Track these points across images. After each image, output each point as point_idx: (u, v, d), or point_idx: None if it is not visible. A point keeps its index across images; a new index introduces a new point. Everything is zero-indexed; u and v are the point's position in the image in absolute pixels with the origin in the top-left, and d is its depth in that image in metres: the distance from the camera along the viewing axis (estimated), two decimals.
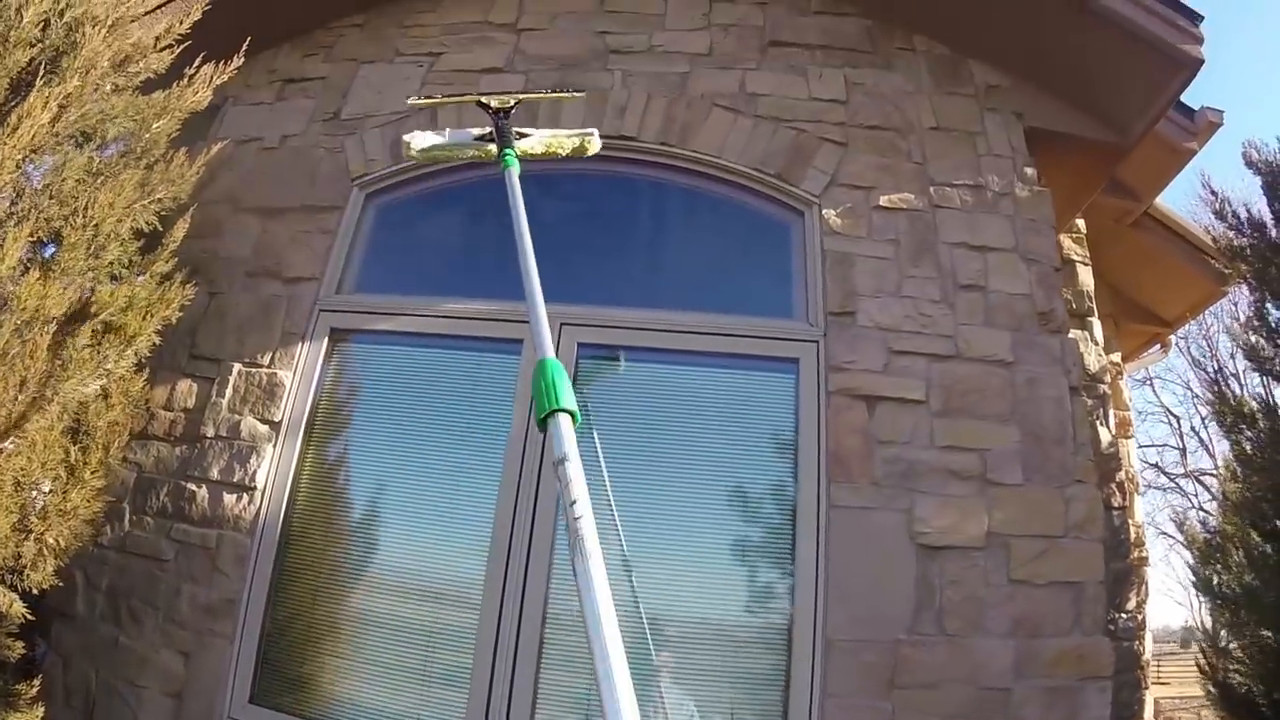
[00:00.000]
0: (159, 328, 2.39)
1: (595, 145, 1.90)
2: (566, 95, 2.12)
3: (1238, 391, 3.34)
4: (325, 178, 3.01)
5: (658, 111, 2.87)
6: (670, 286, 2.73)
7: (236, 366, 2.72)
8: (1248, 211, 2.99)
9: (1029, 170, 2.80)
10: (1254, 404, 2.94)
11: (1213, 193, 3.07)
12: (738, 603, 2.41)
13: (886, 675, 2.19)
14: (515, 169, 1.63)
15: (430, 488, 2.58)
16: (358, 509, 2.67)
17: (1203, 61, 2.58)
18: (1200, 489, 13.98)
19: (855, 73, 2.92)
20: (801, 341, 2.55)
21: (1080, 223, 3.25)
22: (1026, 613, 2.26)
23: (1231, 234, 3.00)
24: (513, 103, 1.84)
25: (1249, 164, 3.05)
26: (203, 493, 2.57)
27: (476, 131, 1.81)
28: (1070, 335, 2.63)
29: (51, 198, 2.12)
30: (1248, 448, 3.00)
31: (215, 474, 2.58)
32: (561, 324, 2.60)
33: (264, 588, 2.43)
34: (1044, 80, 2.90)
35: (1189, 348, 12.24)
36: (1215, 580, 3.23)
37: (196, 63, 2.44)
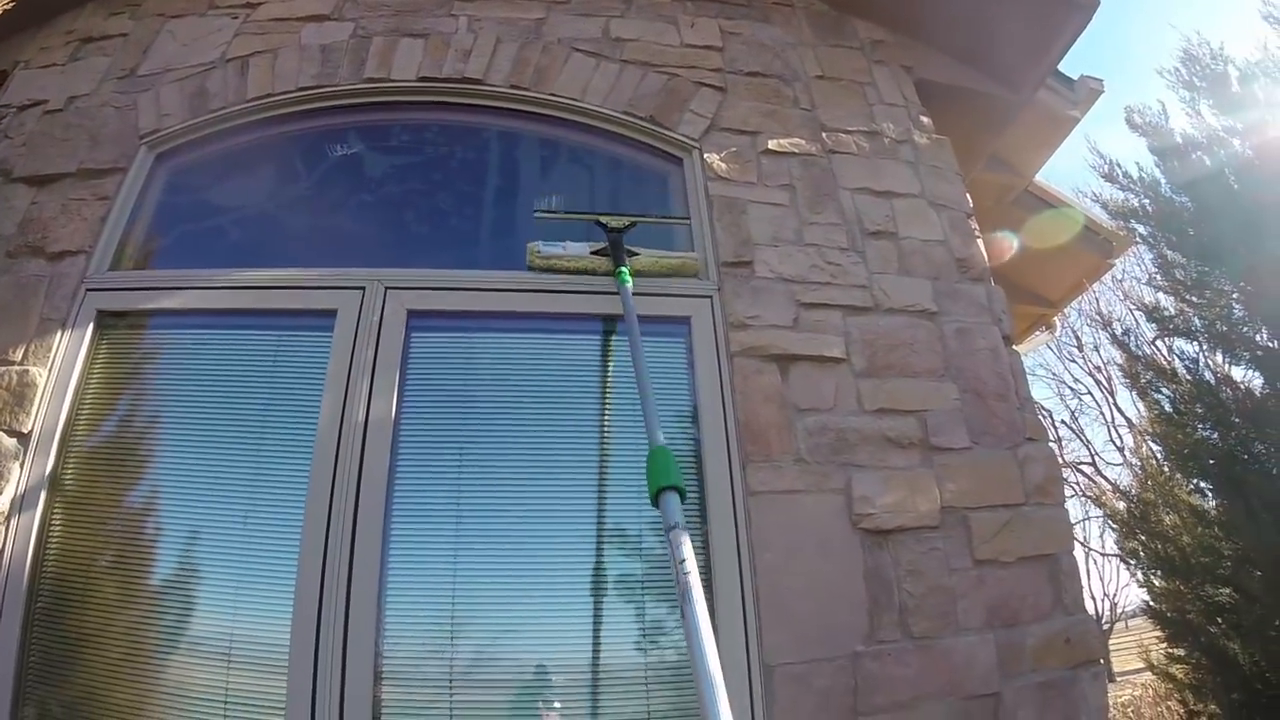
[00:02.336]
0: None
1: (696, 266, 2.13)
2: (676, 220, 2.25)
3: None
4: (109, 138, 2.36)
5: (507, 55, 2.44)
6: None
7: None
8: (1140, 171, 2.89)
9: (925, 119, 2.56)
10: (1177, 360, 2.74)
11: (1101, 156, 2.96)
12: (634, 635, 1.77)
13: (848, 701, 1.67)
14: (630, 284, 1.91)
15: (221, 507, 1.85)
16: (129, 543, 1.87)
17: (1099, 3, 2.46)
18: (1079, 477, 14.00)
19: (730, 23, 2.63)
20: (692, 297, 2.07)
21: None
22: (1000, 598, 1.85)
23: (1125, 195, 2.88)
24: (628, 223, 2.11)
25: (1133, 127, 2.99)
26: None
27: (593, 246, 2.10)
28: (994, 285, 2.31)
29: None
30: (1167, 406, 2.77)
31: None
32: (387, 289, 2.02)
33: (10, 655, 1.65)
34: (929, 35, 2.72)
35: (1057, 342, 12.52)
36: (1143, 550, 2.94)
37: None
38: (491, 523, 1.83)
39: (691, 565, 1.22)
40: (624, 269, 1.94)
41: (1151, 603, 3.00)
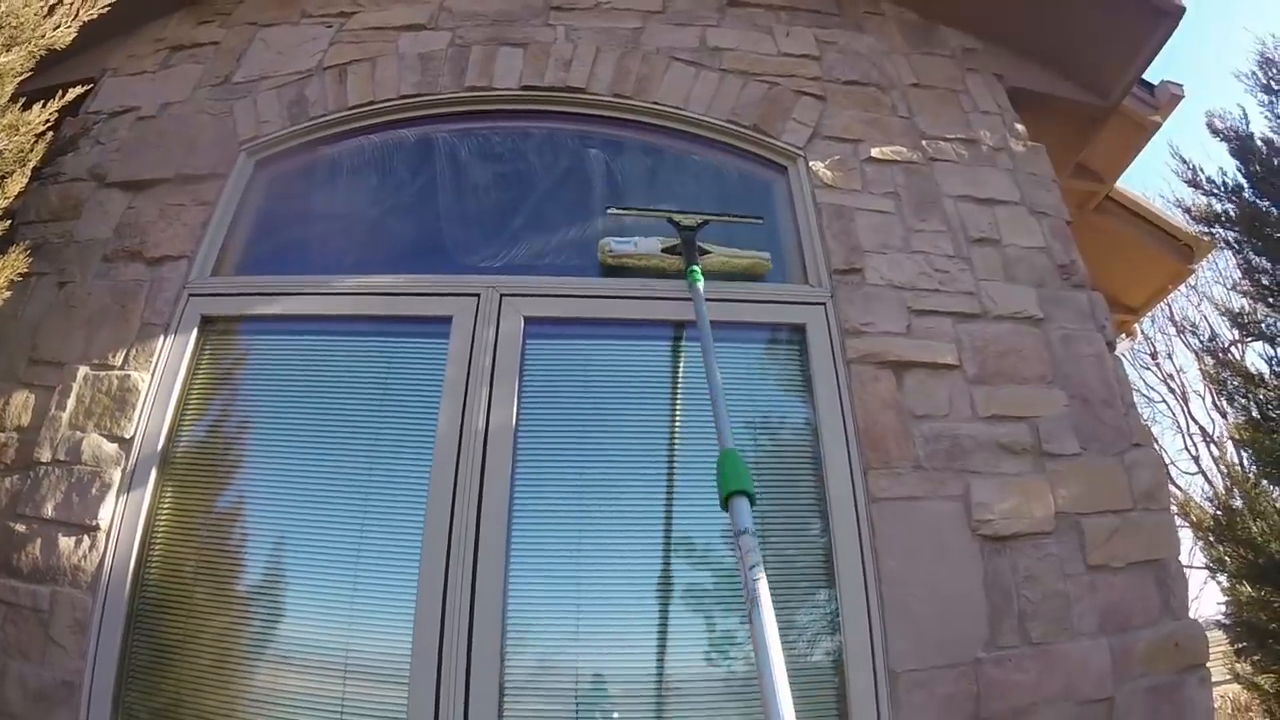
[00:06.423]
0: None
1: (767, 267, 2.13)
2: (748, 219, 2.20)
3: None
4: (207, 144, 2.42)
5: (608, 64, 2.48)
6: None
7: (82, 370, 2.02)
8: (1224, 176, 2.89)
9: (1019, 126, 2.57)
10: (1265, 365, 2.74)
11: (1184, 162, 2.97)
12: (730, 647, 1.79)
13: (970, 708, 1.68)
14: (701, 284, 1.87)
15: (332, 514, 1.87)
16: (236, 551, 1.90)
17: (1184, 9, 2.47)
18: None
19: (824, 33, 2.66)
20: (805, 304, 2.10)
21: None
22: (1112, 603, 1.86)
23: (1209, 200, 2.88)
24: (700, 221, 2.07)
25: (1214, 132, 2.98)
26: (34, 536, 1.83)
27: (664, 243, 2.09)
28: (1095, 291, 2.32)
29: None
30: (1254, 412, 2.77)
31: (49, 510, 1.85)
32: (502, 295, 2.07)
33: (111, 664, 1.69)
34: (1019, 42, 2.72)
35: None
36: (1229, 558, 2.93)
37: None
38: (612, 533, 1.86)
39: (760, 572, 1.21)
40: (695, 268, 1.90)
41: (1231, 612, 3.00)
